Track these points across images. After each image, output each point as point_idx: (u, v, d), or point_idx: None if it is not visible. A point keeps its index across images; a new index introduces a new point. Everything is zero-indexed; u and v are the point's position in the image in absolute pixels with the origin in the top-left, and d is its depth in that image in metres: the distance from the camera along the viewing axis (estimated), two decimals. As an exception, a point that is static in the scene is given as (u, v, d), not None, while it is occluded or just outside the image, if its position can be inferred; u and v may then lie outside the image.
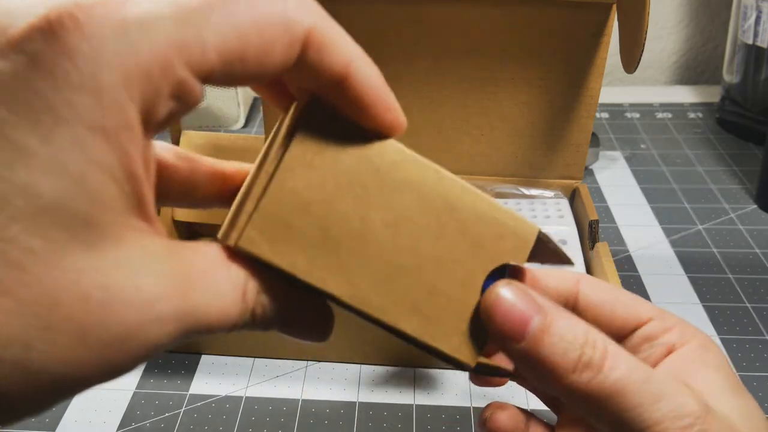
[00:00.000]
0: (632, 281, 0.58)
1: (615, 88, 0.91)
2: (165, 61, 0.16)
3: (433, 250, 0.21)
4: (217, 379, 0.49)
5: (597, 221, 0.53)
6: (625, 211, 0.67)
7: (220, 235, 0.20)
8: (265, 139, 0.62)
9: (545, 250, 0.23)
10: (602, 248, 0.50)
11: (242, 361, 0.50)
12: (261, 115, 0.85)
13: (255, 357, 0.50)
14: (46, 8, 0.15)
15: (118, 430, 0.45)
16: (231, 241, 0.20)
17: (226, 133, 0.78)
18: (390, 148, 0.21)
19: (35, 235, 0.15)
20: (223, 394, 0.48)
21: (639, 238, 0.63)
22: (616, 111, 0.87)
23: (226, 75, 0.17)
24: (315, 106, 0.20)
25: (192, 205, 0.24)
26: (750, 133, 0.79)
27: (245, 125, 0.84)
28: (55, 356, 0.16)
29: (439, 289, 0.22)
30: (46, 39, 0.15)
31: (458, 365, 0.22)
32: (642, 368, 0.21)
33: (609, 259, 0.49)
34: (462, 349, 0.22)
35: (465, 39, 0.54)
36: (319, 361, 0.50)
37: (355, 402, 0.47)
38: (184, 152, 0.23)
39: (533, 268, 0.25)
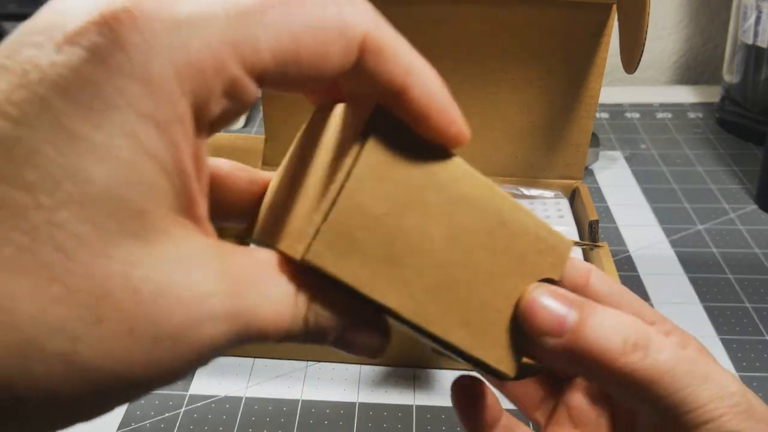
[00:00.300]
0: (632, 281, 0.58)
1: (615, 88, 0.91)
2: (217, 58, 0.16)
3: (485, 264, 0.22)
4: (217, 379, 0.49)
5: (597, 221, 0.53)
6: (625, 211, 0.67)
7: (282, 246, 0.20)
8: (266, 139, 0.62)
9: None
10: (602, 248, 0.50)
11: (242, 362, 0.50)
12: (261, 115, 0.85)
13: (255, 357, 0.50)
14: (102, 5, 0.15)
15: (118, 430, 0.45)
16: (297, 255, 0.19)
17: (226, 133, 0.78)
18: (450, 162, 0.21)
19: (84, 222, 0.15)
20: (223, 395, 0.48)
21: (639, 238, 0.63)
22: (616, 111, 0.87)
23: (280, 76, 0.17)
24: (380, 116, 0.20)
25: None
26: (750, 133, 0.79)
27: (245, 125, 0.84)
28: (102, 350, 0.15)
29: (489, 303, 0.22)
30: (101, 32, 0.15)
31: (498, 376, 0.23)
32: (684, 352, 0.22)
33: (609, 259, 0.49)
34: (504, 361, 0.23)
35: (465, 39, 0.54)
36: (319, 361, 0.50)
37: (355, 402, 0.47)
38: (244, 166, 0.23)
39: None
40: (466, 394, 0.28)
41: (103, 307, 0.15)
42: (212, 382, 0.49)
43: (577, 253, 0.53)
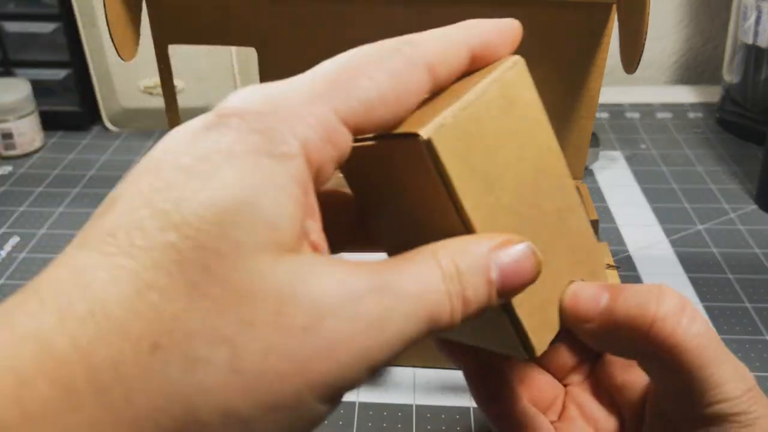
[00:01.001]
0: (632, 281, 0.58)
1: (615, 88, 0.91)
2: (315, 110, 0.18)
3: (548, 235, 0.23)
4: (217, 379, 0.49)
5: (597, 221, 0.53)
6: (625, 211, 0.67)
7: (403, 129, 0.20)
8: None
9: None
10: (602, 248, 0.50)
11: (242, 361, 0.50)
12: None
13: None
14: (219, 108, 0.19)
15: (118, 430, 0.45)
16: (425, 134, 0.19)
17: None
18: (551, 131, 0.23)
19: (222, 239, 0.16)
20: (223, 394, 0.48)
21: (639, 238, 0.63)
22: (616, 111, 0.87)
23: (369, 120, 0.19)
24: (523, 66, 0.22)
25: None
26: (750, 133, 0.79)
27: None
28: (260, 350, 0.16)
29: (543, 272, 0.22)
30: (229, 116, 0.18)
31: (526, 348, 0.23)
32: (710, 329, 0.23)
33: (609, 259, 0.49)
34: (536, 333, 0.23)
35: (465, 39, 0.54)
36: (319, 361, 0.50)
37: (355, 402, 0.47)
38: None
39: None
40: (483, 372, 0.28)
41: (251, 311, 0.16)
42: (212, 382, 0.49)
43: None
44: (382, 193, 0.24)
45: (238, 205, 0.16)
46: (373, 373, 0.18)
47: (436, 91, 0.22)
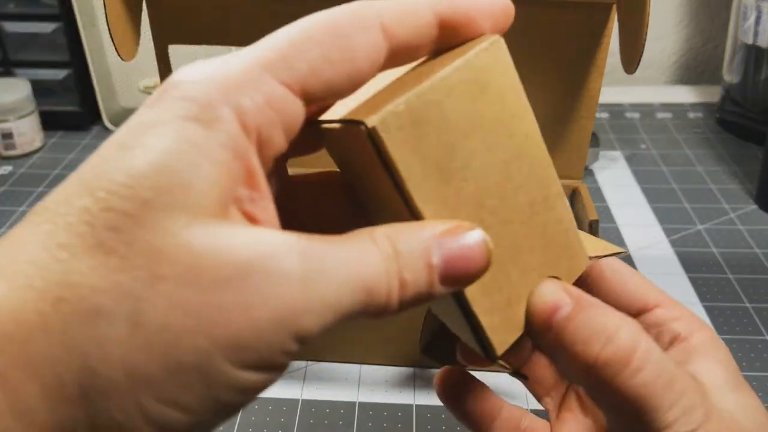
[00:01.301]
0: (632, 281, 0.58)
1: (615, 88, 0.91)
2: (252, 76, 0.18)
3: (516, 229, 0.21)
4: (217, 379, 0.49)
5: (597, 221, 0.53)
6: (625, 211, 0.67)
7: (349, 116, 0.20)
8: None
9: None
10: (594, 243, 0.50)
11: (242, 361, 0.50)
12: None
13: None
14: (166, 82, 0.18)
15: (118, 430, 0.45)
16: (368, 122, 0.19)
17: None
18: (531, 119, 0.21)
19: (130, 199, 0.16)
20: (223, 394, 0.48)
21: (639, 238, 0.63)
22: (616, 111, 0.87)
23: (319, 85, 0.19)
24: (500, 47, 0.21)
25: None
26: (750, 133, 0.79)
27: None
28: (165, 306, 0.16)
29: (505, 267, 0.21)
30: (162, 89, 0.18)
31: (485, 348, 0.22)
32: (668, 371, 0.21)
33: (611, 248, 0.49)
34: (497, 332, 0.22)
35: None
36: (319, 361, 0.50)
37: (355, 402, 0.47)
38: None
39: None
40: (450, 386, 0.27)
41: (158, 267, 0.16)
42: (212, 382, 0.49)
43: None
44: (355, 176, 0.23)
45: (153, 168, 0.16)
46: (302, 341, 0.17)
47: (412, 66, 0.21)
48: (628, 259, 0.60)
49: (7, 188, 0.73)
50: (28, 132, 0.78)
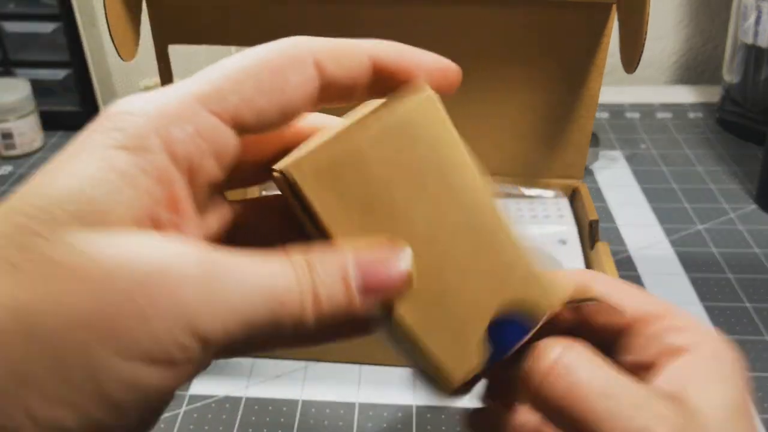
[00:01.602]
0: (632, 281, 0.58)
1: (615, 88, 0.91)
2: (184, 107, 0.19)
3: (460, 264, 0.21)
4: (217, 379, 0.49)
5: (597, 221, 0.53)
6: (625, 211, 0.67)
7: (275, 165, 0.20)
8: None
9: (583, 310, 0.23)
10: (602, 248, 0.50)
11: (242, 361, 0.50)
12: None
13: (255, 357, 0.50)
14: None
15: (118, 430, 0.45)
16: (281, 166, 0.20)
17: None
18: (466, 165, 0.21)
19: (43, 221, 0.17)
20: (223, 395, 0.48)
21: (639, 238, 0.63)
22: (616, 111, 0.87)
23: (251, 115, 0.19)
24: (431, 101, 0.21)
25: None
26: (750, 133, 0.79)
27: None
28: (49, 301, 0.16)
29: (451, 302, 0.21)
30: (99, 118, 0.19)
31: (436, 381, 0.22)
32: (611, 385, 0.21)
33: (609, 259, 0.49)
34: (447, 366, 0.22)
35: (465, 40, 0.54)
36: (319, 361, 0.50)
37: (355, 402, 0.47)
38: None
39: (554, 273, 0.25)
40: (477, 425, 0.27)
41: (53, 275, 0.16)
42: (212, 382, 0.49)
43: (576, 253, 0.53)
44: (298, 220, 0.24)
45: (70, 192, 0.17)
46: (204, 341, 0.17)
47: (358, 114, 0.22)
48: (628, 260, 0.60)
49: (7, 188, 0.73)
50: (28, 132, 0.78)
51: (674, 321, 0.24)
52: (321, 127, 0.24)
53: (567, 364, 0.21)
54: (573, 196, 0.60)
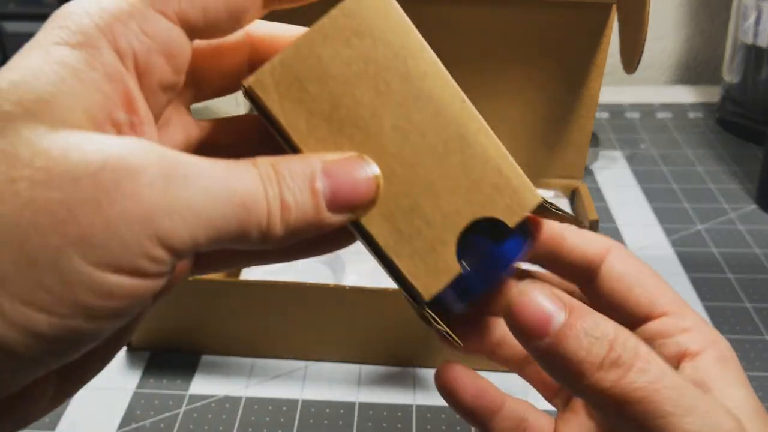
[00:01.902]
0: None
1: (615, 88, 0.91)
2: (130, 6, 0.19)
3: (429, 171, 0.21)
4: (217, 379, 0.49)
5: (597, 221, 0.53)
6: (625, 211, 0.67)
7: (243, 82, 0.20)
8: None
9: (549, 217, 0.23)
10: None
11: (242, 361, 0.50)
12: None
13: (255, 357, 0.50)
14: None
15: (118, 430, 0.45)
16: (245, 82, 0.20)
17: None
18: (428, 57, 0.21)
19: None
20: (223, 394, 0.48)
21: (639, 238, 0.63)
22: (616, 111, 0.87)
23: (198, 16, 0.20)
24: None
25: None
26: (750, 133, 0.79)
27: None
28: (18, 203, 0.16)
29: (422, 211, 0.21)
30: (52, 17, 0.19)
31: (412, 293, 0.22)
32: (675, 376, 0.20)
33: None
34: (420, 279, 0.21)
35: (465, 40, 0.54)
36: (319, 361, 0.50)
37: (355, 402, 0.47)
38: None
39: (564, 225, 0.25)
40: (450, 379, 0.27)
41: (14, 170, 0.16)
42: (212, 382, 0.49)
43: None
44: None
45: (14, 85, 0.17)
46: (171, 249, 0.17)
47: None
48: (628, 259, 0.60)
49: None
50: (28, 132, 0.78)
51: (681, 320, 0.23)
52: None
53: (646, 356, 0.20)
54: (573, 196, 0.60)
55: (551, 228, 0.25)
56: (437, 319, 0.22)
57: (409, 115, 0.21)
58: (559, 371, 0.20)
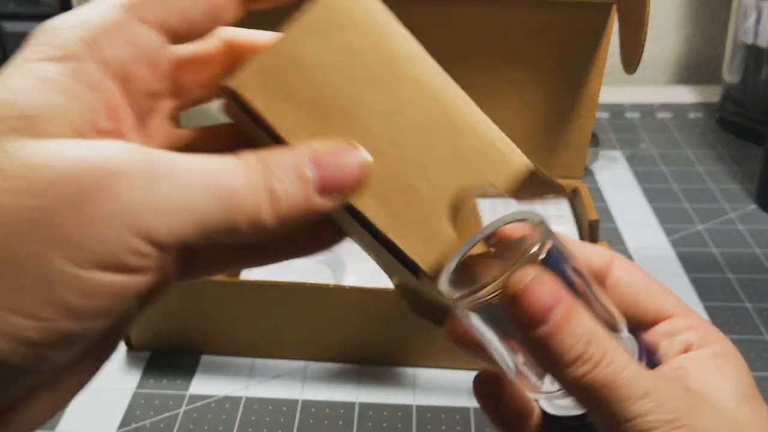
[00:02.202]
0: (632, 281, 0.58)
1: (615, 88, 0.91)
2: (114, 19, 0.19)
3: (416, 148, 0.21)
4: (217, 379, 0.49)
5: (597, 221, 0.53)
6: (625, 211, 0.67)
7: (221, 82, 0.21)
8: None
9: (537, 182, 0.23)
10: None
11: (242, 361, 0.50)
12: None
13: (255, 357, 0.50)
14: None
15: (118, 430, 0.45)
16: (226, 83, 0.20)
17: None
18: (409, 43, 0.21)
19: None
20: (223, 394, 0.48)
21: (639, 238, 0.63)
22: (616, 111, 0.87)
23: (180, 22, 0.20)
24: None
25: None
26: (750, 133, 0.79)
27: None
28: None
29: (413, 186, 0.21)
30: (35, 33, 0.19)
31: (412, 268, 0.22)
32: (636, 367, 0.21)
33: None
34: (419, 253, 0.22)
35: (465, 39, 0.54)
36: (319, 361, 0.50)
37: (355, 402, 0.47)
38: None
39: (567, 239, 0.25)
40: (486, 385, 0.27)
41: None
42: (212, 382, 0.49)
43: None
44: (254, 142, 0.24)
45: None
46: (157, 244, 0.17)
47: None
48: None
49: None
50: (28, 132, 0.78)
51: (687, 320, 0.24)
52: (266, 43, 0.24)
53: (611, 352, 0.21)
54: (573, 196, 0.60)
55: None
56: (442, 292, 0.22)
57: (392, 97, 0.21)
58: (542, 358, 0.21)
